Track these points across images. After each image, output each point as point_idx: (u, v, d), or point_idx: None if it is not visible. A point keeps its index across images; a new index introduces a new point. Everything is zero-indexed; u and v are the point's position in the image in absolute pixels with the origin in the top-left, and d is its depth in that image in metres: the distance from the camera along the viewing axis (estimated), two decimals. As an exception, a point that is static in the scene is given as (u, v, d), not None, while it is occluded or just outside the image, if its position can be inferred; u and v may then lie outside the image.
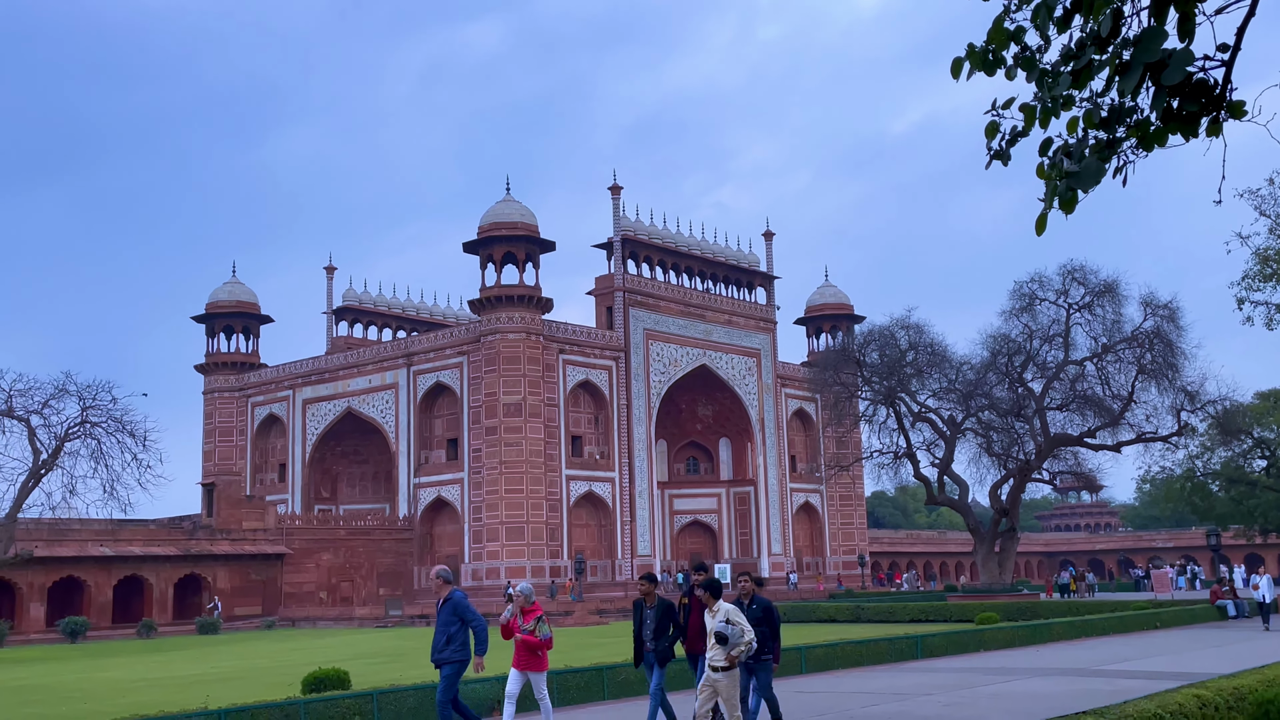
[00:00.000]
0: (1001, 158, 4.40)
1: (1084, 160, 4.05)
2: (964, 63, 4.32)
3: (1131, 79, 3.73)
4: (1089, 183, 4.06)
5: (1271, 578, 32.01)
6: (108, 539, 53.17)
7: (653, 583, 12.58)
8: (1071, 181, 4.07)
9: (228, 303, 74.59)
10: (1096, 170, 4.05)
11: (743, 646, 10.72)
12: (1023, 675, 18.49)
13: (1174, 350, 45.41)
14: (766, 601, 12.36)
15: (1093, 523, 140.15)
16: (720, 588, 11.48)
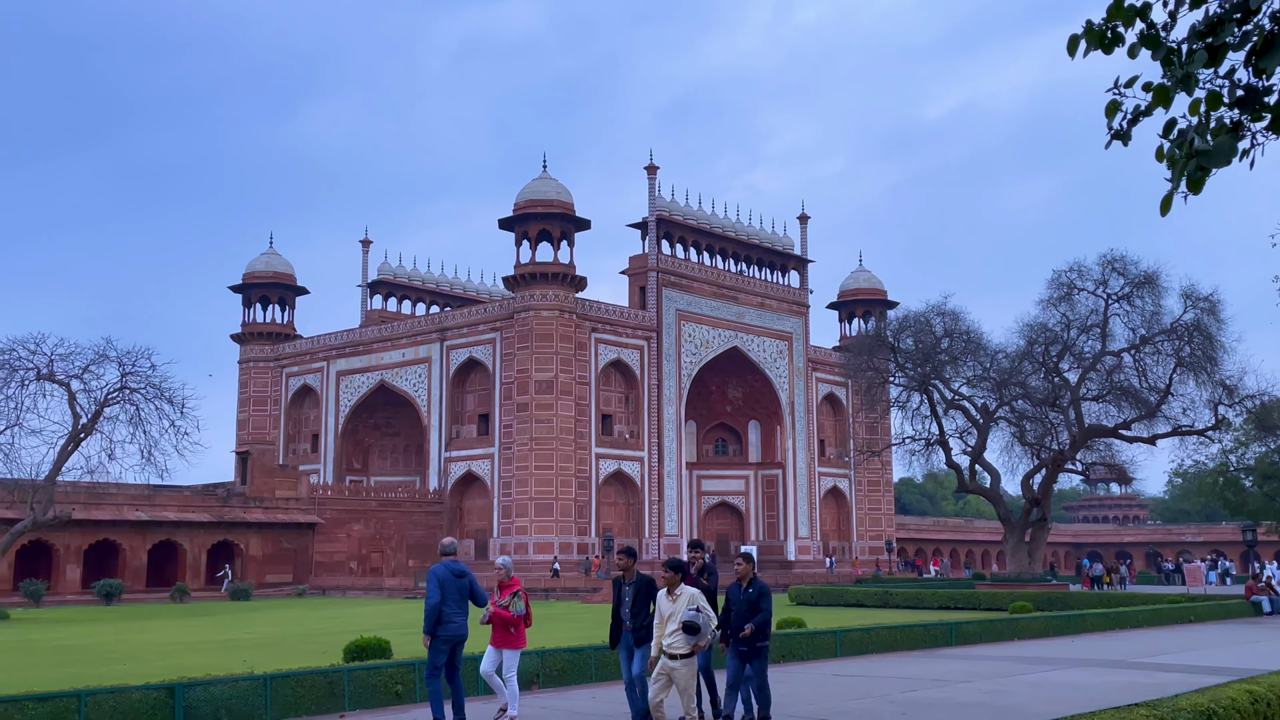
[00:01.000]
0: (1122, 138, 4.33)
1: (1218, 139, 3.97)
2: (1080, 40, 4.24)
3: (1275, 57, 3.65)
4: (1221, 161, 3.98)
5: None
6: (143, 504, 53.82)
7: (631, 557, 11.82)
8: (1203, 160, 3.99)
9: (264, 273, 75.06)
10: (1229, 149, 3.97)
11: (708, 638, 10.22)
12: (1061, 665, 18.42)
13: (1213, 343, 44.91)
14: (764, 585, 11.85)
15: (1121, 515, 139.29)
16: (685, 568, 10.93)
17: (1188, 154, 4.05)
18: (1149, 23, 4.16)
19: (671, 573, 10.73)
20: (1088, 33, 4.20)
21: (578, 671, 16.34)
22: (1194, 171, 4.05)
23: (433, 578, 11.71)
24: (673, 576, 10.69)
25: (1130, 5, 4.13)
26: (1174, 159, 4.13)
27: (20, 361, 40.34)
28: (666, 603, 10.60)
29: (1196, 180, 4.07)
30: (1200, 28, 4.02)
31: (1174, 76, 4.04)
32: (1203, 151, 4.00)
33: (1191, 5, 4.04)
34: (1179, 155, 4.09)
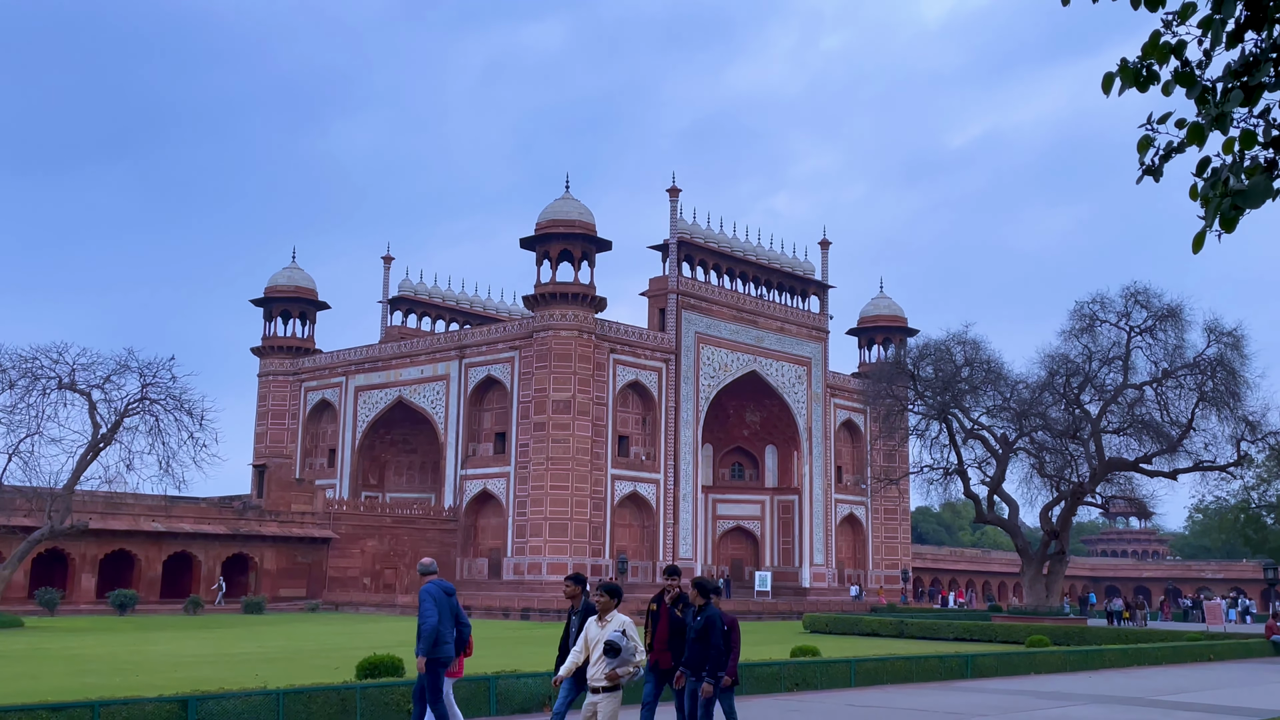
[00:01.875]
0: (1154, 174, 4.30)
1: (1254, 179, 3.94)
2: (1115, 78, 4.22)
3: (1312, 96, 3.63)
4: (1256, 202, 3.95)
5: None
6: (160, 515, 53.99)
7: (579, 584, 11.17)
8: (1238, 200, 3.97)
9: (286, 287, 75.47)
10: (1265, 189, 3.94)
11: (631, 668, 9.42)
12: (1079, 701, 18.21)
13: (1237, 379, 44.56)
14: (715, 614, 11.12)
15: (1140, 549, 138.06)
16: (619, 592, 10.17)
17: (1222, 193, 4.03)
18: (1183, 60, 4.15)
19: (606, 597, 9.98)
20: (1122, 71, 4.18)
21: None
22: (1228, 210, 4.02)
23: (429, 597, 11.47)
24: (606, 601, 9.93)
25: (1165, 43, 4.11)
26: (1208, 198, 4.10)
27: (43, 370, 40.58)
28: (595, 629, 9.80)
29: (1230, 219, 4.04)
30: (1236, 67, 4.00)
31: (1208, 115, 4.02)
32: (1237, 191, 3.98)
33: (1228, 45, 4.02)
34: (1213, 194, 4.07)
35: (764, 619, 54.50)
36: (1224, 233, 4.11)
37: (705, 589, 11.20)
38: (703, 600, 11.16)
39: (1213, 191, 4.06)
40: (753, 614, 55.76)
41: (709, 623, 10.96)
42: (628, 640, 9.41)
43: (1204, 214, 4.12)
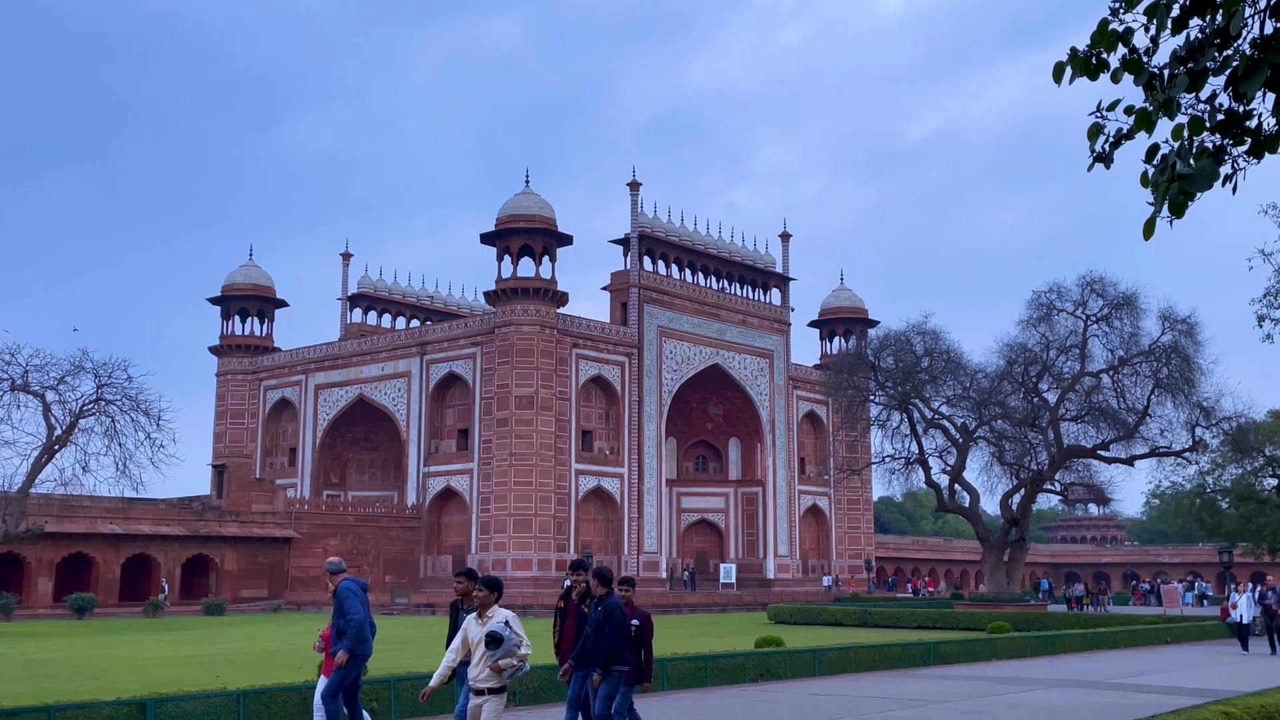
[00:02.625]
0: (1104, 160, 4.33)
1: (1200, 164, 3.98)
2: (1065, 67, 4.25)
3: (1255, 82, 3.66)
4: (1203, 186, 3.99)
5: (1251, 596, 29.34)
6: (118, 517, 53.30)
7: (471, 579, 10.28)
8: (1185, 185, 4.00)
9: (243, 285, 74.70)
10: (1211, 174, 3.98)
11: (514, 661, 8.76)
12: (1040, 686, 18.41)
13: (1191, 365, 45.24)
14: (616, 602, 10.59)
15: (1099, 535, 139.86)
16: (499, 585, 9.43)
17: (1170, 178, 4.06)
18: (1131, 48, 4.18)
19: (486, 591, 9.27)
20: (1073, 59, 4.21)
21: (552, 690, 16.21)
22: (1176, 195, 4.05)
23: (352, 595, 11.11)
24: (486, 596, 9.22)
25: (1113, 30, 4.14)
26: (1157, 183, 4.14)
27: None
28: (475, 627, 9.11)
29: (1179, 204, 4.08)
30: (1181, 53, 4.04)
31: (1156, 101, 4.06)
32: (1184, 176, 4.01)
33: (1173, 30, 4.05)
34: (1161, 180, 4.10)
35: (729, 611, 54.71)
36: (1174, 218, 4.15)
37: (605, 579, 10.78)
38: (604, 590, 10.71)
39: (1161, 177, 4.10)
40: (718, 606, 55.95)
41: (607, 613, 10.51)
42: (511, 632, 8.82)
43: (1153, 200, 4.16)
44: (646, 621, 10.93)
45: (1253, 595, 28.76)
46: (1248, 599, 28.48)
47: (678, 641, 29.80)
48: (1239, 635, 28.23)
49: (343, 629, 11.01)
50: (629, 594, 11.01)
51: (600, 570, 10.94)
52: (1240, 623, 28.34)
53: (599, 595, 10.73)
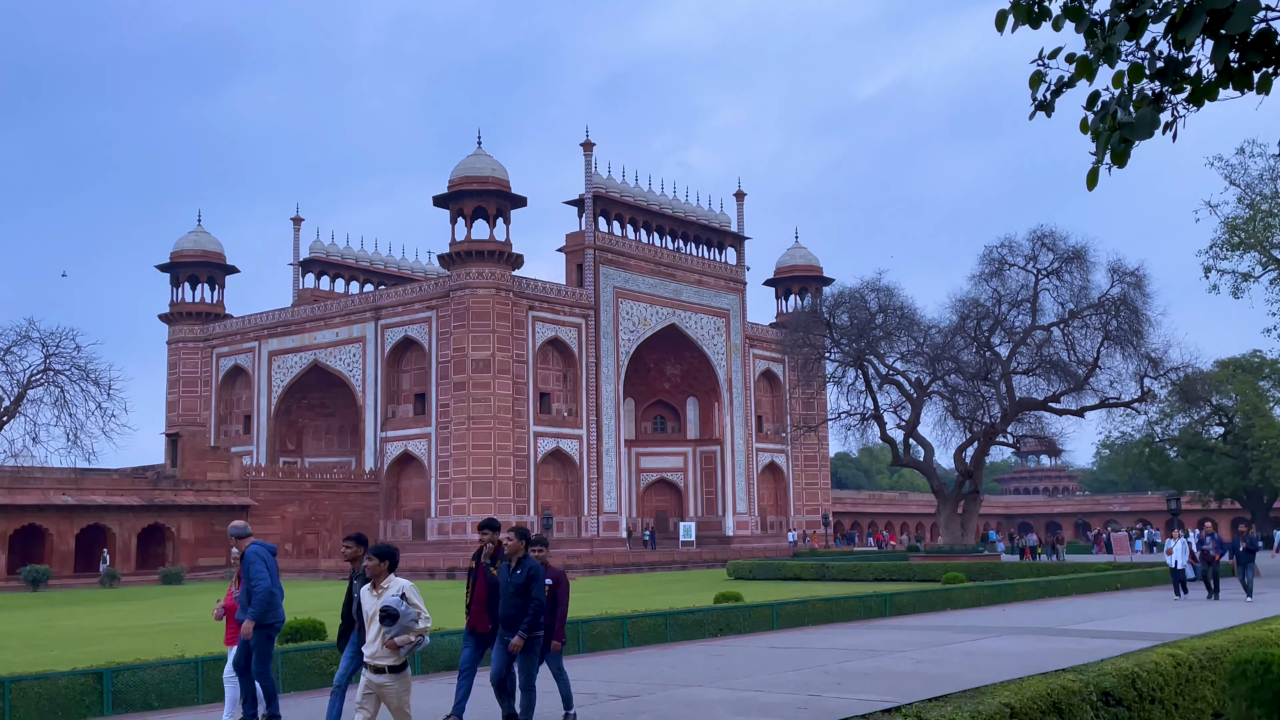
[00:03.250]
0: (1046, 109, 4.35)
1: (1140, 111, 4.00)
2: (1008, 15, 4.25)
3: (1193, 28, 3.68)
4: (1143, 133, 4.02)
5: (1186, 542, 28.86)
6: (70, 488, 52.65)
7: (361, 544, 9.75)
8: (1125, 133, 4.03)
9: (193, 252, 73.59)
10: (1151, 121, 4.00)
11: (412, 637, 8.12)
12: (993, 634, 18.77)
13: (1139, 317, 45.98)
14: (536, 565, 10.13)
15: (1051, 486, 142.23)
16: (394, 555, 8.76)
17: (1110, 127, 4.09)
18: None
19: (376, 560, 8.63)
20: (1015, 7, 4.21)
21: None
22: (1117, 144, 4.08)
23: (259, 559, 10.57)
24: (376, 565, 8.59)
25: (1053, -23, 4.15)
26: (1098, 131, 4.16)
27: (-62, 343, 39.19)
28: (370, 600, 8.47)
29: (1120, 153, 4.11)
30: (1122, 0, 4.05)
31: (1096, 48, 4.07)
32: (1125, 124, 4.04)
33: None
34: (1102, 128, 4.13)
35: (689, 568, 55.18)
36: (1116, 166, 4.18)
37: (526, 537, 10.30)
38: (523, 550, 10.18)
39: (1102, 125, 4.13)
40: (678, 564, 56.42)
41: (531, 576, 10.00)
42: (407, 605, 8.16)
43: (1095, 149, 4.19)
44: (561, 581, 10.67)
45: (1188, 542, 28.80)
46: (1183, 545, 28.39)
47: (639, 599, 30.04)
48: (1175, 581, 28.44)
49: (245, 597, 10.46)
50: (543, 554, 10.52)
51: (521, 529, 10.46)
52: (1175, 568, 28.34)
53: (518, 556, 10.17)
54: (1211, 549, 28.00)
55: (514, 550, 10.20)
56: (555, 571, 10.63)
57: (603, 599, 31.00)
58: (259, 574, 10.50)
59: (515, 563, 10.16)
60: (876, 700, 10.59)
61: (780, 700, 11.54)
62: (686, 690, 12.56)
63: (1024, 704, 8.84)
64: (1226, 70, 3.82)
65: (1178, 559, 28.27)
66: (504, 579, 10.20)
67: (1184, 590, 28.02)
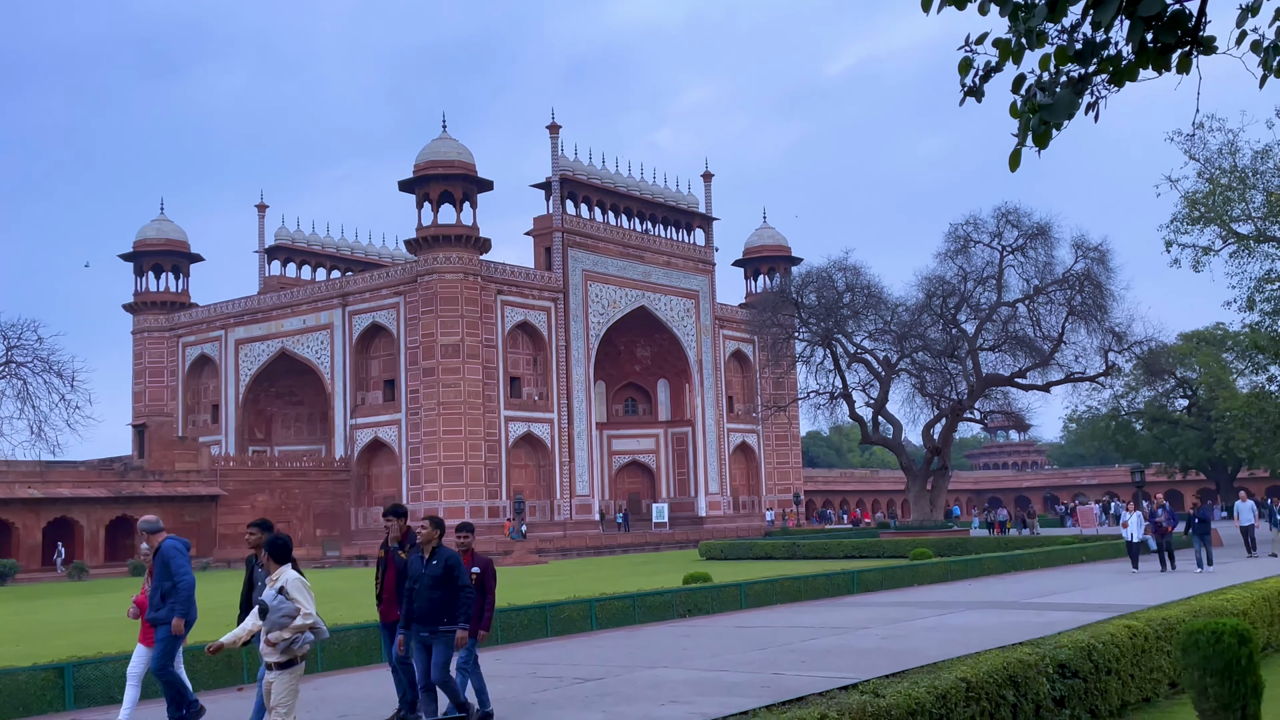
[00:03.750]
0: (975, 94, 4.37)
1: (1059, 94, 4.04)
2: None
3: (1108, 10, 3.71)
4: (1062, 115, 4.05)
5: (1142, 515, 28.69)
6: (36, 481, 52.15)
7: (265, 530, 9.33)
8: (1045, 115, 4.06)
9: (156, 240, 72.81)
10: (1070, 103, 4.04)
11: (285, 634, 7.67)
12: (957, 609, 18.96)
13: (1103, 292, 46.46)
14: (452, 555, 9.66)
15: (1020, 461, 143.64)
16: (284, 548, 8.28)
17: (1031, 110, 4.12)
18: None
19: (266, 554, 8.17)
20: (940, -13, 4.22)
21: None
22: (1038, 126, 4.12)
23: (180, 554, 10.18)
24: (266, 558, 8.15)
25: (978, -43, 4.17)
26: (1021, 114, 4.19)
27: (-105, 337, 38.63)
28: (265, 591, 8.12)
29: (1041, 135, 4.14)
30: None
31: (1019, 32, 4.10)
32: (1044, 106, 4.07)
33: None
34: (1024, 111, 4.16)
35: (662, 549, 55.38)
36: (1038, 148, 4.21)
37: (440, 526, 9.89)
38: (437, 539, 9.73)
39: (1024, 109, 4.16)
40: (650, 545, 56.61)
41: (450, 564, 9.50)
42: (282, 600, 7.71)
43: (1017, 132, 4.22)
44: (488, 568, 10.25)
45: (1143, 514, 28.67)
46: (1137, 518, 28.26)
47: (609, 582, 30.13)
48: (1130, 553, 28.22)
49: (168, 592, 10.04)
50: (467, 540, 10.15)
51: (433, 516, 10.05)
52: (1131, 541, 28.21)
53: (432, 545, 9.66)
54: (1164, 520, 27.86)
55: (427, 539, 9.66)
56: (481, 559, 10.26)
57: (574, 582, 31.08)
58: (183, 569, 10.16)
59: (429, 553, 9.63)
60: (838, 677, 10.68)
61: (743, 680, 11.63)
62: (651, 672, 12.63)
63: (980, 678, 8.94)
64: (1144, 51, 3.86)
65: (1133, 531, 28.17)
66: (416, 570, 9.66)
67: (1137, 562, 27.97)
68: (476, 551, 10.31)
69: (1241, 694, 9.50)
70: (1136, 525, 28.18)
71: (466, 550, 10.12)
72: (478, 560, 10.19)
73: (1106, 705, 10.51)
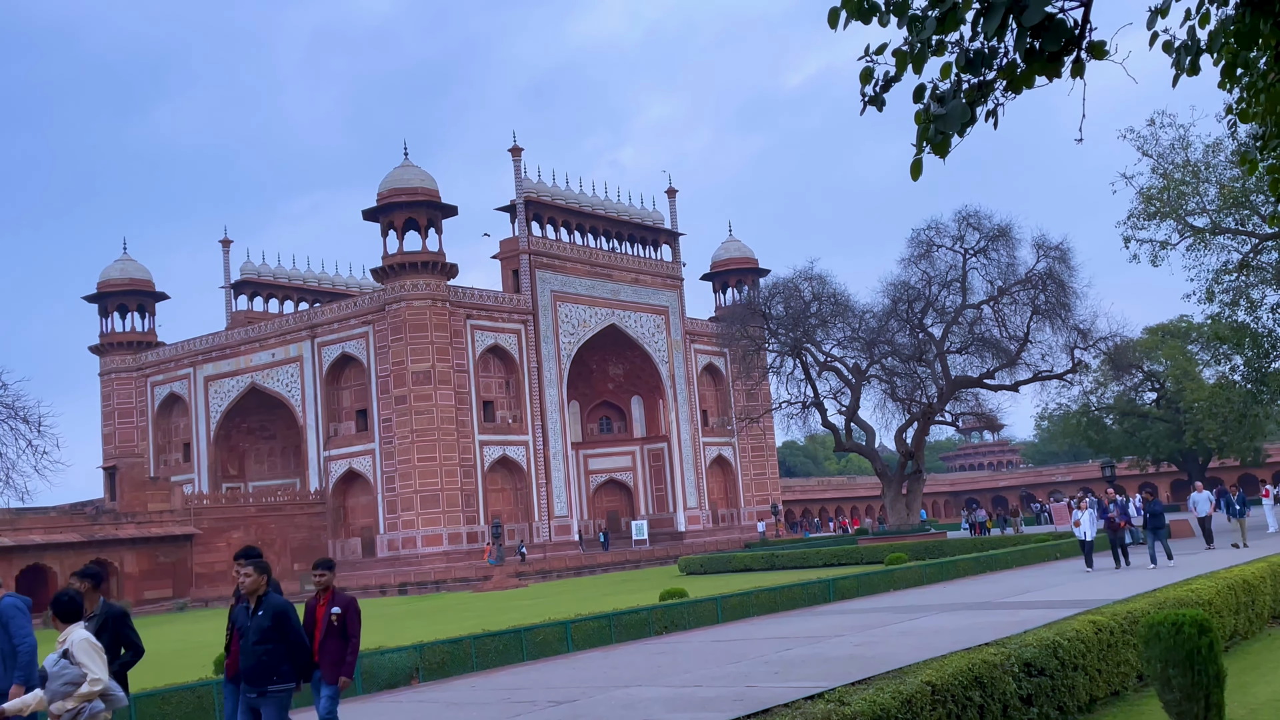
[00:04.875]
0: (876, 103, 4.47)
1: (950, 103, 4.13)
2: (840, 11, 4.36)
3: (994, 20, 3.81)
4: (955, 125, 4.14)
5: (1095, 513, 27.15)
6: (6, 529, 51.52)
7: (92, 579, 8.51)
8: (939, 125, 4.16)
9: (120, 280, 72.32)
10: (962, 113, 4.14)
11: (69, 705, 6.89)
12: (931, 612, 19.05)
13: (1066, 290, 46.88)
14: (282, 604, 8.64)
15: (995, 461, 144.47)
16: (72, 607, 7.59)
17: (928, 119, 4.22)
18: None
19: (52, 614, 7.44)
20: (845, 3, 4.32)
21: (457, 662, 16.27)
22: (935, 135, 4.22)
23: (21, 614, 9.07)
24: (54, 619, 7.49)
25: (881, -28, 4.26)
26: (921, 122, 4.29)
27: None
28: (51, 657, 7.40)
29: (939, 144, 4.24)
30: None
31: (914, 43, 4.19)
32: (939, 116, 4.17)
33: None
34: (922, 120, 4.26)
35: (642, 566, 55.31)
36: (937, 156, 4.30)
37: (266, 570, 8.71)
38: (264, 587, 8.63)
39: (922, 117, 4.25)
40: (630, 563, 56.52)
41: (278, 616, 8.45)
42: (67, 665, 6.94)
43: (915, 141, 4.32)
44: (350, 608, 9.36)
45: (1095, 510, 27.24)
46: (1090, 515, 26.81)
47: (588, 602, 30.08)
48: (1084, 552, 26.90)
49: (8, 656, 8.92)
50: (324, 579, 9.36)
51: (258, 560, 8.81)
52: (1085, 540, 26.78)
53: (258, 594, 8.60)
54: (1116, 516, 26.38)
55: (252, 588, 8.59)
56: (344, 598, 9.41)
57: (554, 604, 31.00)
58: (24, 630, 9.02)
59: (255, 603, 8.61)
60: (810, 687, 10.71)
61: (716, 694, 11.64)
62: (625, 691, 12.63)
63: (945, 681, 9.01)
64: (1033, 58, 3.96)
65: (1086, 530, 26.75)
66: (242, 623, 8.59)
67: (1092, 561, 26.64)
68: (339, 590, 9.53)
69: (1204, 684, 9.61)
70: (1089, 523, 26.79)
71: (326, 589, 9.34)
72: (339, 600, 9.33)
73: (1075, 701, 10.60)
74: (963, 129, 4.16)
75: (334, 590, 9.47)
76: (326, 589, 9.49)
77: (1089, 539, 26.85)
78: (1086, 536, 26.85)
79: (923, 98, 4.31)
